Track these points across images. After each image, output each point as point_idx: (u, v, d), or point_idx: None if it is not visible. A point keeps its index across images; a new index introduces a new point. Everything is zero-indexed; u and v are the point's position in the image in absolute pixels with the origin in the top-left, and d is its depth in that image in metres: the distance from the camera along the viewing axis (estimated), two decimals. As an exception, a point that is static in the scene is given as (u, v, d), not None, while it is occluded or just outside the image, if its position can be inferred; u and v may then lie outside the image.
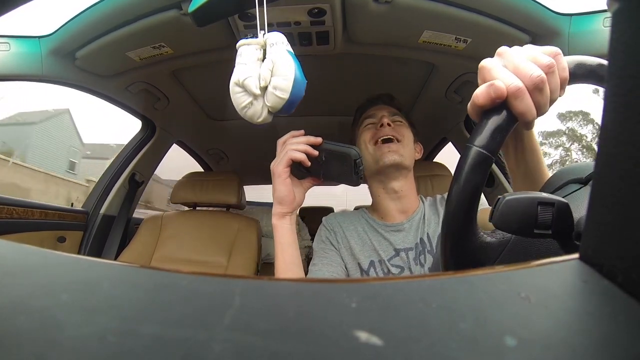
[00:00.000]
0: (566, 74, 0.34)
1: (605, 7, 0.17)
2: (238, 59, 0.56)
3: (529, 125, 0.34)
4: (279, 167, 0.61)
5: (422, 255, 0.73)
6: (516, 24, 0.88)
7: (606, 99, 0.14)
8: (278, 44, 0.55)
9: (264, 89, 0.54)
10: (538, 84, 0.31)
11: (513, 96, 0.31)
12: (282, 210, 0.63)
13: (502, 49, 0.35)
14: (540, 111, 0.33)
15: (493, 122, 0.32)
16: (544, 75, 0.32)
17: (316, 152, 0.60)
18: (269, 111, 0.55)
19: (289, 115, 0.57)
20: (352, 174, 0.59)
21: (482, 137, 0.31)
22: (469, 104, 0.34)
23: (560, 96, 0.34)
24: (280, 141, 0.63)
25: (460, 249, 0.32)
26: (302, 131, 0.63)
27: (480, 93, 0.32)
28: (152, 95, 1.33)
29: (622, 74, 0.14)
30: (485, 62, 0.34)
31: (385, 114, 0.81)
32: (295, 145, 0.60)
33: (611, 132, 0.14)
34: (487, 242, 0.31)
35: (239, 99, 0.55)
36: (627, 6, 0.14)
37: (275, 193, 0.62)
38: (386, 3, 0.84)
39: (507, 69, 0.33)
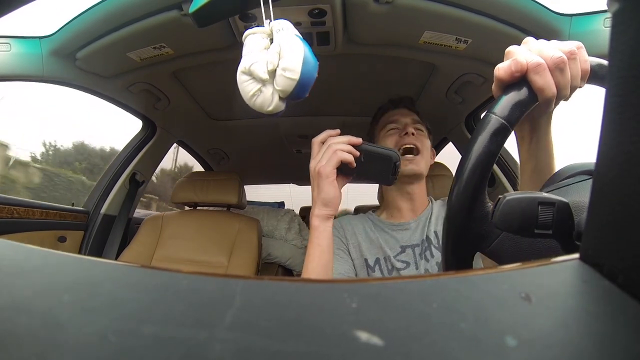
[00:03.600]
0: (587, 66, 0.36)
1: (606, 8, 0.17)
2: (244, 50, 0.53)
3: (549, 104, 0.35)
4: (327, 167, 0.57)
5: (428, 251, 0.76)
6: (517, 25, 0.88)
7: (606, 99, 0.14)
8: (285, 29, 0.53)
9: (273, 74, 0.50)
10: (559, 63, 0.34)
11: (533, 71, 0.33)
12: (328, 213, 0.59)
13: (529, 38, 0.37)
14: (561, 92, 0.35)
15: (513, 95, 0.33)
16: (565, 57, 0.34)
17: (358, 153, 0.58)
18: (280, 97, 0.51)
19: (289, 115, 0.57)
20: (389, 175, 0.60)
21: (503, 108, 0.32)
22: (494, 76, 0.36)
23: (580, 87, 0.36)
24: (317, 140, 0.61)
25: (466, 215, 0.31)
26: (338, 130, 0.61)
27: (501, 67, 0.34)
28: (152, 96, 1.33)
29: (622, 74, 0.14)
30: (512, 48, 0.36)
31: (409, 121, 0.84)
32: (341, 146, 0.58)
33: (611, 132, 0.14)
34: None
35: (246, 87, 0.51)
36: (627, 6, 0.14)
37: (320, 194, 0.58)
38: (387, 3, 0.83)
39: (531, 52, 0.35)
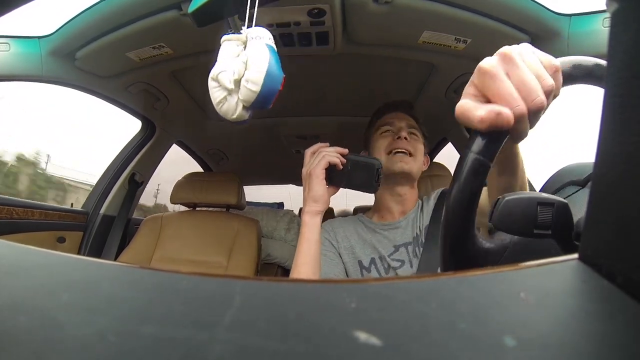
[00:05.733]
0: (559, 91, 0.33)
1: (605, 7, 0.17)
2: (219, 56, 0.55)
3: (516, 141, 0.34)
4: (317, 169, 0.67)
5: (417, 247, 0.77)
6: (516, 24, 0.88)
7: (605, 99, 0.14)
8: (258, 38, 0.54)
9: (238, 83, 0.53)
10: (540, 108, 0.31)
11: (515, 120, 0.30)
12: (316, 209, 0.68)
13: (506, 52, 0.32)
14: (530, 128, 0.33)
15: (488, 132, 0.31)
16: (545, 99, 0.31)
17: (345, 160, 0.68)
18: (244, 106, 0.54)
19: (289, 116, 0.57)
20: (373, 181, 0.68)
21: (479, 145, 0.30)
22: (462, 114, 0.32)
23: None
24: (309, 150, 0.70)
25: (459, 254, 0.31)
26: (328, 143, 0.70)
27: (484, 118, 0.30)
28: (152, 96, 1.33)
29: (622, 74, 0.14)
30: (488, 66, 0.32)
31: (404, 125, 0.85)
32: (329, 152, 0.67)
33: (610, 132, 0.14)
34: (486, 248, 0.31)
35: (214, 93, 0.55)
36: (626, 6, 0.14)
37: (310, 192, 0.67)
38: (386, 3, 0.83)
39: (511, 79, 0.31)
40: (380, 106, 0.93)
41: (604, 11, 0.86)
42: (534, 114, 0.31)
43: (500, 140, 0.31)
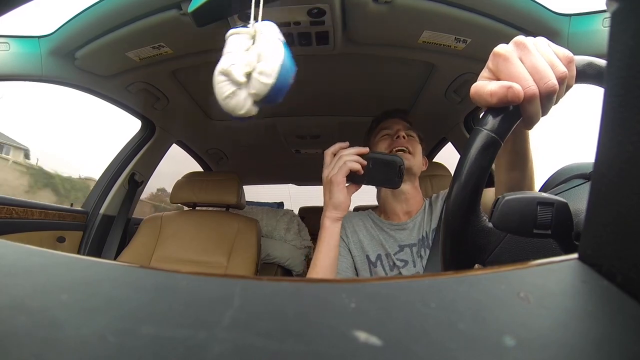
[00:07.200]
0: (573, 82, 0.34)
1: (605, 7, 0.17)
2: (225, 49, 0.54)
3: (529, 125, 0.34)
4: (338, 176, 0.65)
5: (423, 249, 0.79)
6: (515, 24, 0.88)
7: (605, 98, 0.15)
8: (268, 32, 0.54)
9: (249, 76, 0.51)
10: (552, 92, 0.31)
11: (527, 100, 0.31)
12: (337, 215, 0.68)
13: (521, 40, 0.33)
14: (543, 115, 0.34)
15: (501, 110, 0.32)
16: (557, 84, 0.31)
17: (365, 162, 0.66)
18: (254, 101, 0.52)
19: (289, 115, 0.56)
20: (395, 177, 0.67)
21: (492, 122, 0.31)
22: (475, 92, 0.33)
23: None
24: (329, 152, 0.68)
25: (462, 229, 0.31)
26: (347, 143, 0.68)
27: (495, 92, 0.31)
28: (151, 95, 1.33)
29: (621, 74, 0.14)
30: (503, 51, 0.33)
31: (401, 127, 0.88)
32: (350, 157, 0.66)
33: (610, 132, 0.14)
34: (489, 227, 0.31)
35: (221, 87, 0.52)
36: (626, 6, 0.14)
37: (332, 199, 0.67)
38: (386, 3, 0.84)
39: (524, 64, 0.32)
40: (378, 114, 0.97)
41: (604, 11, 0.86)
42: (546, 98, 0.32)
43: (512, 120, 0.32)
